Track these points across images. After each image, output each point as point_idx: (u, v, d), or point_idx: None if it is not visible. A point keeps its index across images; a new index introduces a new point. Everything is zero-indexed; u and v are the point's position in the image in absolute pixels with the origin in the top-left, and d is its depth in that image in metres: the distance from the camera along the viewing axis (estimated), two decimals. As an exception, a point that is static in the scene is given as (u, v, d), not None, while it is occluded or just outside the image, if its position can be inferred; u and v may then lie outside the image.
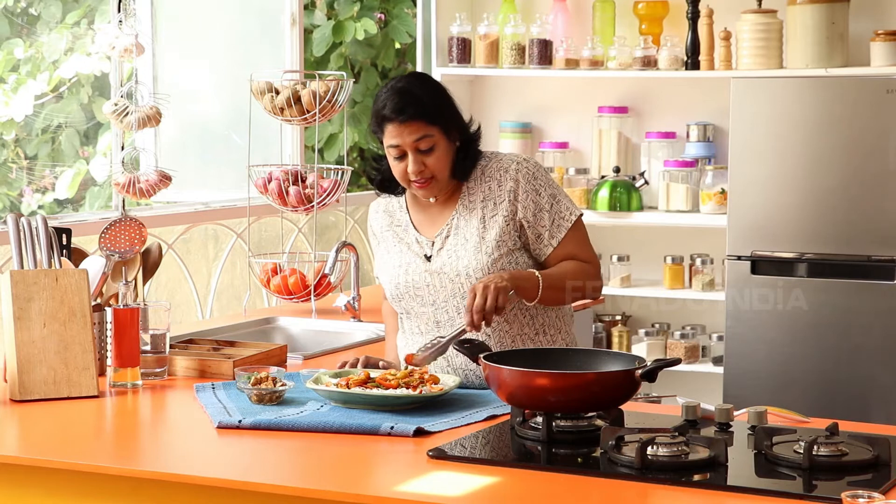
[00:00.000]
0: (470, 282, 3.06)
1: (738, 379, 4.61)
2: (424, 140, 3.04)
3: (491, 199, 3.11)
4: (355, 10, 6.10)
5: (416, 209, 3.20)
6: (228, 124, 4.89)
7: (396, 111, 3.04)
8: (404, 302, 3.16)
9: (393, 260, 3.19)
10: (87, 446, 2.70)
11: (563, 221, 3.10)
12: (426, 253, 3.14)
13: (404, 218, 3.21)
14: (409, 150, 3.05)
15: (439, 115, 3.07)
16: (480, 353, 2.79)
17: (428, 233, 3.16)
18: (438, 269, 3.11)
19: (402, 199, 3.23)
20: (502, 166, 3.12)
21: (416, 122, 3.04)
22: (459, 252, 3.10)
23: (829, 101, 4.49)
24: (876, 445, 2.46)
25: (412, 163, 3.05)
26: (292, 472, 2.50)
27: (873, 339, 4.45)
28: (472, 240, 3.09)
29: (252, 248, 4.61)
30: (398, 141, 3.04)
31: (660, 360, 2.72)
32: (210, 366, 3.24)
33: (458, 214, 3.13)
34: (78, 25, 4.60)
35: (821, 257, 4.52)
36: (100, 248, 3.30)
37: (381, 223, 3.25)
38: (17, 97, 4.46)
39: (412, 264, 3.14)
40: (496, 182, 3.11)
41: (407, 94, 3.07)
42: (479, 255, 3.07)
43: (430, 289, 3.12)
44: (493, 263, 3.06)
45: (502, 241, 3.08)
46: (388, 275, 3.19)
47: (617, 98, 5.49)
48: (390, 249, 3.21)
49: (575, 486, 2.36)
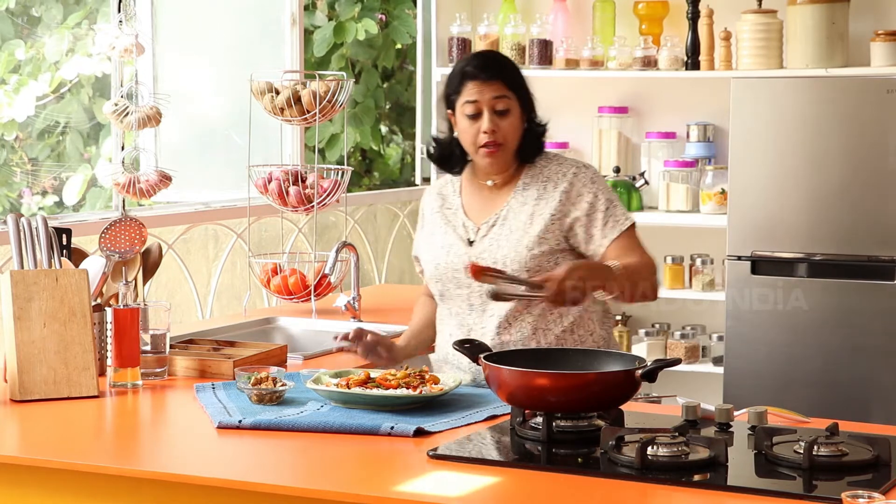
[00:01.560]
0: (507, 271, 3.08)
1: (738, 379, 4.61)
2: (503, 100, 3.14)
3: (544, 198, 3.16)
4: (356, 10, 6.10)
5: (469, 193, 3.27)
6: (228, 124, 4.89)
7: (480, 68, 3.14)
8: (441, 284, 3.23)
9: (437, 241, 3.26)
10: (87, 446, 2.70)
11: (617, 224, 3.14)
12: (470, 238, 3.20)
13: (456, 201, 3.27)
14: (487, 107, 3.13)
15: (519, 85, 3.18)
16: (480, 354, 2.79)
17: (476, 218, 3.23)
18: (478, 255, 3.16)
19: (457, 182, 3.29)
20: (562, 169, 3.20)
21: (497, 82, 3.13)
22: (501, 241, 3.15)
23: (829, 101, 4.49)
24: (876, 445, 2.46)
25: (486, 121, 3.13)
26: (292, 472, 2.50)
27: (873, 339, 4.45)
28: (516, 232, 3.15)
29: (252, 249, 4.61)
30: (477, 97, 3.13)
31: (660, 360, 2.72)
32: (210, 366, 3.24)
33: (508, 206, 3.19)
34: (79, 26, 4.60)
35: (821, 257, 4.52)
36: (100, 248, 3.30)
37: (432, 205, 3.32)
38: (19, 98, 4.46)
39: (454, 246, 3.21)
40: (552, 183, 3.18)
41: (491, 56, 3.26)
42: (520, 248, 3.12)
43: (468, 272, 3.13)
44: (531, 258, 3.11)
45: (544, 239, 3.12)
46: (431, 255, 3.26)
47: (617, 98, 5.49)
48: (435, 231, 3.27)
49: (575, 486, 2.36)
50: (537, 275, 3.06)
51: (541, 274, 3.04)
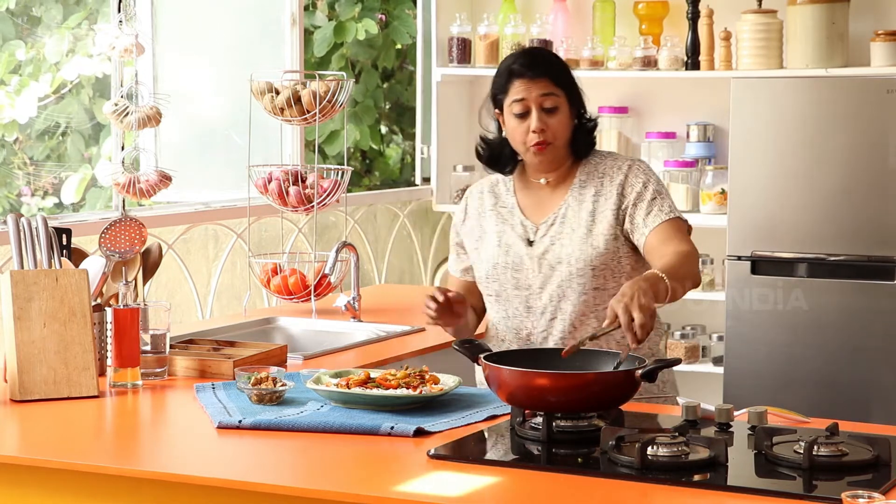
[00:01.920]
0: (569, 270, 3.08)
1: (738, 379, 4.61)
2: (551, 98, 3.10)
3: (602, 194, 3.13)
4: (356, 10, 6.10)
5: (524, 192, 3.22)
6: (228, 124, 4.89)
7: (526, 66, 3.11)
8: (498, 284, 3.17)
9: (492, 239, 3.20)
10: (87, 446, 2.70)
11: (661, 213, 3.09)
12: (529, 237, 3.16)
13: (511, 200, 3.22)
14: (534, 105, 3.09)
15: (566, 82, 3.14)
16: (480, 354, 2.79)
17: (534, 217, 3.18)
18: (540, 255, 3.13)
19: (510, 182, 3.24)
20: (617, 164, 3.17)
21: (544, 80, 3.10)
22: (564, 241, 3.12)
23: (829, 101, 4.49)
24: (876, 445, 2.46)
25: (535, 119, 3.09)
26: (292, 472, 2.50)
27: (873, 339, 4.45)
28: (579, 230, 3.11)
29: (252, 249, 4.61)
30: (525, 95, 3.10)
31: (660, 360, 2.72)
32: (210, 366, 3.24)
33: (566, 205, 3.15)
34: (79, 27, 4.60)
35: (821, 257, 4.52)
36: (100, 248, 3.30)
37: (483, 203, 3.25)
38: (21, 99, 4.46)
39: (514, 246, 3.16)
40: (609, 178, 3.15)
41: (538, 53, 3.20)
42: (585, 247, 3.09)
43: (528, 272, 3.13)
44: (597, 256, 3.08)
45: (610, 236, 3.09)
46: (487, 254, 3.20)
47: (617, 98, 5.49)
48: (489, 229, 3.22)
49: (575, 486, 2.36)
50: (601, 273, 3.07)
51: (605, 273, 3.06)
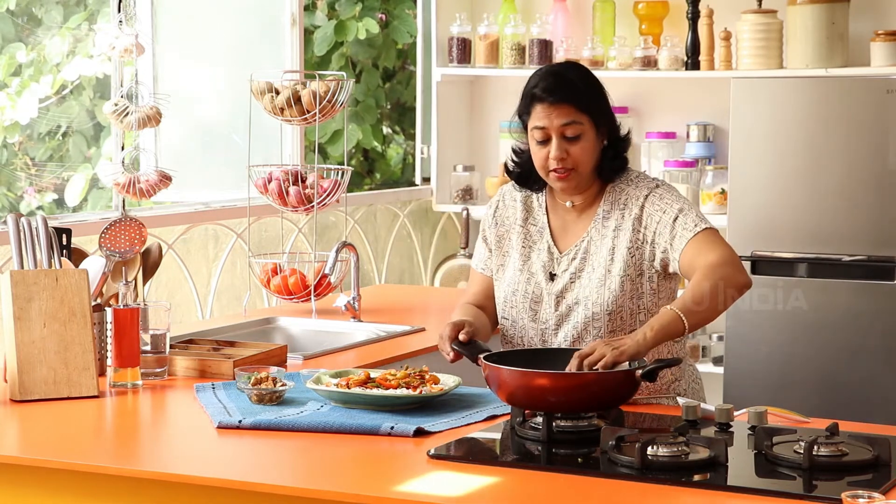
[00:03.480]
0: (587, 314, 2.98)
1: (738, 379, 4.61)
2: (572, 126, 2.96)
3: (621, 229, 3.01)
4: (357, 10, 6.10)
5: (555, 214, 3.10)
6: (229, 124, 4.89)
7: (548, 91, 2.96)
8: (515, 311, 3.08)
9: (515, 263, 3.09)
10: (87, 446, 2.70)
11: (686, 232, 2.93)
12: (552, 270, 3.05)
13: (542, 219, 3.11)
14: (555, 134, 2.96)
15: (592, 105, 2.99)
16: (480, 354, 2.79)
17: (560, 244, 3.07)
18: (559, 292, 3.03)
19: (542, 197, 3.12)
20: (636, 193, 3.02)
21: (566, 106, 2.95)
22: (584, 281, 3.01)
23: (829, 101, 4.49)
24: (876, 445, 2.46)
25: (555, 148, 2.95)
26: (292, 472, 2.50)
27: (873, 339, 4.45)
28: (598, 270, 3.00)
29: (252, 249, 4.61)
30: (545, 123, 2.96)
31: (660, 360, 2.72)
32: (210, 366, 3.24)
33: (589, 237, 3.03)
34: (79, 28, 4.60)
35: (821, 257, 4.52)
36: (100, 248, 3.30)
37: (516, 214, 3.13)
38: (22, 100, 4.46)
39: (536, 276, 3.06)
40: (628, 210, 3.01)
41: (561, 76, 3.01)
42: (602, 290, 2.98)
43: (546, 307, 3.04)
44: (613, 301, 2.97)
45: (626, 275, 2.97)
46: (508, 276, 3.10)
47: (617, 98, 5.43)
48: (515, 247, 3.11)
49: (575, 486, 2.36)
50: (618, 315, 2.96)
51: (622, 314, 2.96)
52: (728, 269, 2.89)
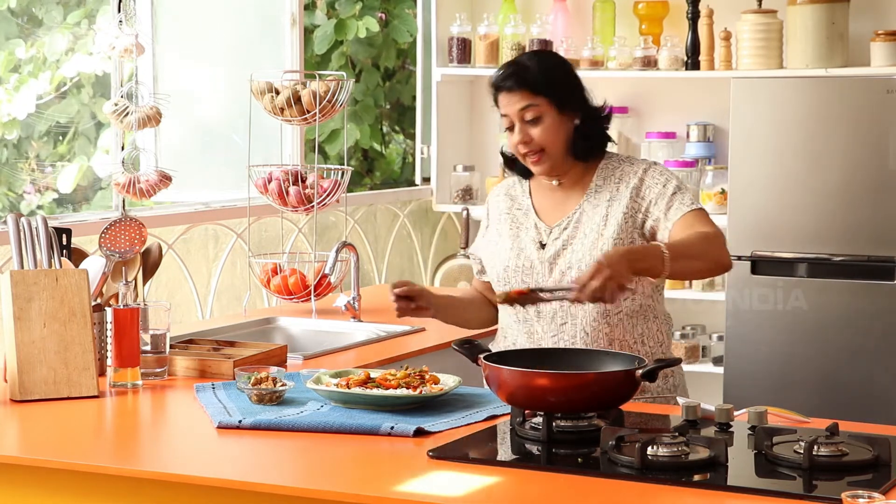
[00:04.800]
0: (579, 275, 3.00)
1: (738, 379, 4.61)
2: (529, 109, 3.07)
3: (616, 198, 3.10)
4: (357, 9, 6.10)
5: (539, 195, 3.22)
6: (229, 124, 4.89)
7: (503, 79, 3.10)
8: (511, 286, 3.15)
9: (505, 243, 3.19)
10: (87, 446, 2.71)
11: (683, 206, 3.05)
12: (542, 240, 3.14)
13: (526, 202, 3.22)
14: (516, 119, 3.09)
15: (546, 86, 3.08)
16: (480, 354, 2.79)
17: (548, 220, 3.17)
18: (550, 259, 3.12)
19: (526, 184, 3.24)
20: (633, 169, 3.13)
21: (520, 91, 3.07)
22: (576, 246, 3.10)
23: (829, 101, 4.49)
24: (876, 445, 2.46)
25: (517, 132, 3.09)
26: (292, 472, 2.51)
27: (873, 339, 4.45)
28: (590, 235, 3.09)
29: (252, 249, 4.61)
30: (507, 110, 3.10)
31: (660, 360, 2.72)
32: (210, 366, 3.24)
33: (581, 209, 3.13)
34: (78, 26, 4.60)
35: (821, 257, 4.52)
36: (100, 248, 3.30)
37: (500, 206, 3.26)
38: (19, 96, 4.46)
39: (526, 249, 3.15)
40: (624, 183, 3.11)
41: (516, 64, 3.14)
42: (595, 252, 3.05)
43: (539, 276, 3.12)
44: None
45: (619, 239, 3.06)
46: (499, 257, 3.19)
47: (617, 98, 5.49)
48: (503, 232, 3.21)
49: (575, 486, 2.36)
50: None
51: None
52: (716, 243, 3.00)
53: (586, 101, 3.15)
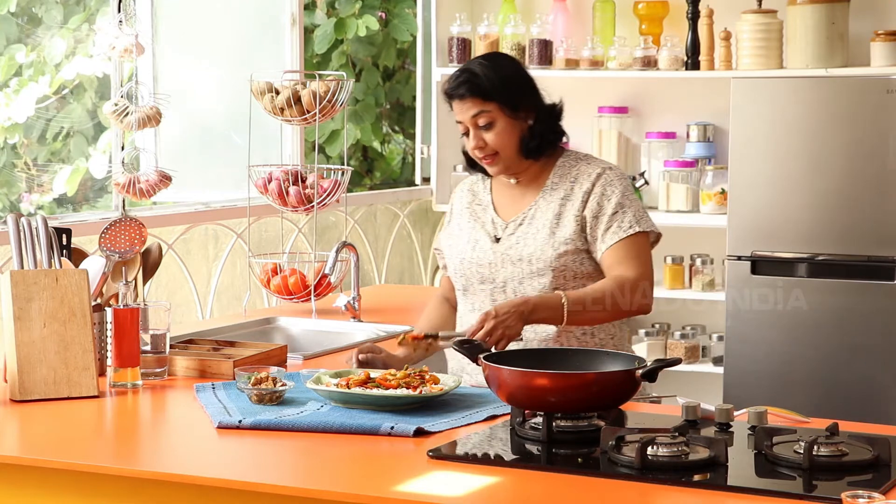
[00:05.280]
0: (530, 269, 3.14)
1: (738, 379, 4.61)
2: (481, 116, 3.14)
3: (570, 199, 3.18)
4: (356, 7, 6.10)
5: (499, 191, 3.30)
6: (228, 124, 4.89)
7: (453, 88, 3.17)
8: (465, 278, 3.25)
9: (464, 236, 3.28)
10: (87, 446, 2.70)
11: (620, 231, 3.13)
12: (497, 235, 3.23)
13: (486, 198, 3.31)
14: (470, 125, 3.17)
15: (496, 92, 3.14)
16: (480, 354, 2.79)
17: (505, 215, 3.25)
18: (504, 251, 3.19)
19: (488, 180, 3.33)
20: (588, 170, 3.20)
21: (471, 98, 3.14)
22: (528, 240, 3.18)
23: (829, 101, 4.49)
24: (876, 445, 2.46)
25: (472, 138, 3.17)
26: (292, 472, 2.50)
27: (873, 339, 4.45)
28: (542, 231, 3.17)
29: (252, 249, 4.61)
30: (460, 117, 3.18)
31: (660, 360, 2.72)
32: (210, 366, 3.24)
33: (536, 206, 3.21)
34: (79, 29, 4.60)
35: (821, 257, 4.52)
36: (100, 248, 3.30)
37: (462, 201, 3.35)
38: (19, 98, 4.46)
39: (480, 242, 3.24)
40: (578, 184, 3.19)
41: (465, 71, 3.18)
42: (546, 248, 3.14)
43: (492, 268, 3.20)
44: (556, 258, 3.13)
45: (570, 240, 3.14)
46: (457, 249, 3.28)
47: (617, 98, 5.49)
48: (463, 226, 3.30)
49: (575, 486, 2.36)
50: (562, 273, 3.12)
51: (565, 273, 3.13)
52: (630, 290, 3.08)
53: (538, 101, 3.21)
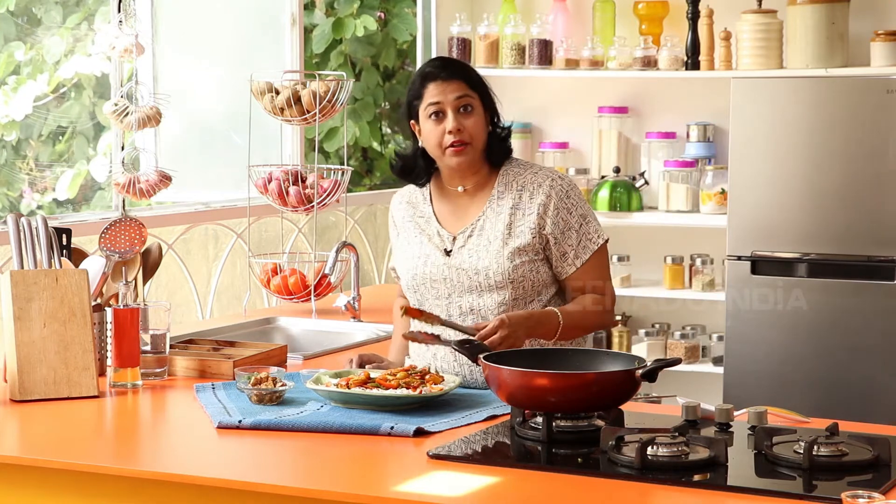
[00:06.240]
0: (488, 282, 3.09)
1: (738, 379, 4.61)
2: (465, 99, 3.13)
3: (521, 209, 3.13)
4: (354, 7, 6.10)
5: (440, 202, 3.23)
6: (228, 124, 4.89)
7: (440, 68, 3.15)
8: (419, 293, 3.18)
9: (413, 250, 3.21)
10: (87, 446, 2.71)
11: (590, 244, 3.14)
12: (446, 248, 3.16)
13: (427, 210, 3.23)
14: (450, 108, 3.12)
15: (479, 85, 3.17)
16: (480, 354, 2.80)
17: (451, 227, 3.19)
18: (458, 265, 3.13)
19: (427, 190, 3.25)
20: (537, 180, 3.15)
21: (458, 81, 3.13)
22: (481, 253, 3.12)
23: (829, 101, 4.49)
24: (876, 445, 2.46)
25: (451, 121, 3.11)
26: (292, 472, 2.51)
27: (873, 339, 4.45)
28: (495, 243, 3.11)
29: (252, 249, 4.61)
30: (440, 98, 3.13)
31: (660, 360, 2.72)
32: (210, 366, 3.24)
33: (484, 216, 3.15)
34: (78, 28, 4.60)
35: (821, 257, 4.52)
36: (100, 248, 3.30)
37: (402, 214, 3.27)
38: (17, 97, 4.46)
39: (431, 256, 3.17)
40: (528, 194, 3.14)
41: (451, 59, 3.27)
42: (501, 260, 3.09)
43: (447, 282, 3.14)
44: (513, 269, 3.08)
45: (524, 251, 3.10)
46: (407, 265, 3.21)
47: (617, 98, 5.49)
48: (410, 240, 3.22)
49: (575, 486, 2.36)
50: (520, 284, 3.09)
51: (523, 284, 3.09)
52: (605, 309, 3.17)
53: (498, 113, 3.23)
